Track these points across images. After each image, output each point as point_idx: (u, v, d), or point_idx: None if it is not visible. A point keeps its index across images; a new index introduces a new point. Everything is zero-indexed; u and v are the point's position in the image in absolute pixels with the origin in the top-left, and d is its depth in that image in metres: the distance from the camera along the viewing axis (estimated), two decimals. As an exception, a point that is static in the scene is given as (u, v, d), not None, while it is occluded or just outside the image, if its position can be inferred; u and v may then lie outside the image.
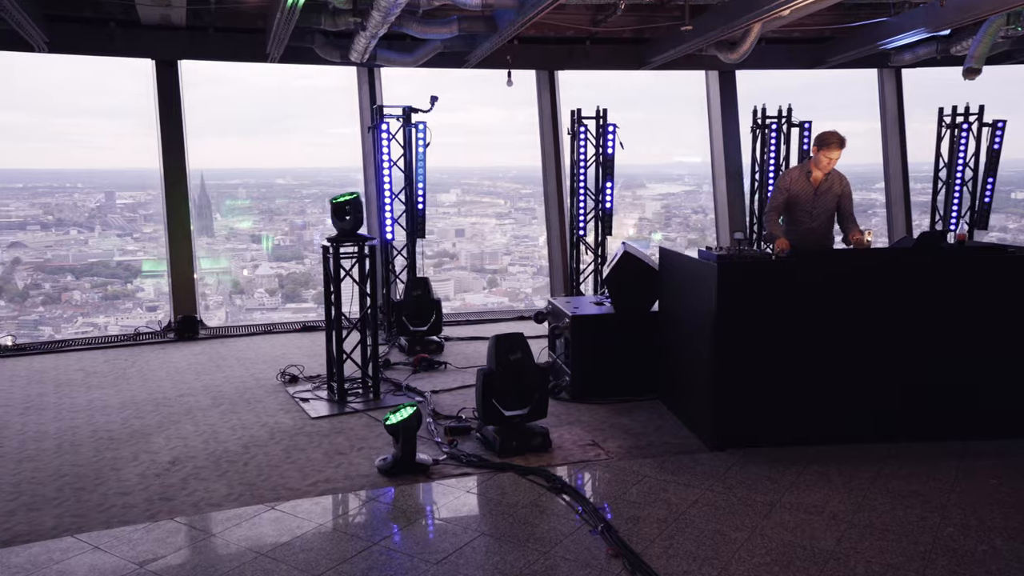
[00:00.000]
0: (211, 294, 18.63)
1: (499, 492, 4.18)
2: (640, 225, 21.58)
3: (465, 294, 14.26)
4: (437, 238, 15.89)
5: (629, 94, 12.91)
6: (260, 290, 18.62)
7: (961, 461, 4.45)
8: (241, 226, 19.10)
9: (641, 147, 21.85)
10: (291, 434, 5.14)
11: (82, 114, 15.08)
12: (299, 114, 19.14)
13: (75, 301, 17.81)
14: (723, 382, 4.71)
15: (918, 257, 4.95)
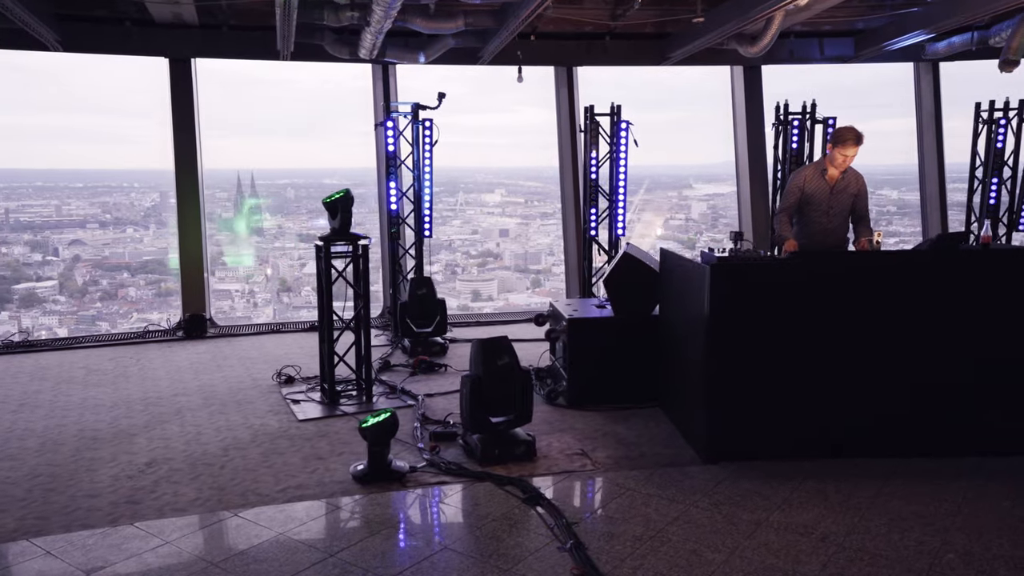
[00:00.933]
0: (260, 291, 18.98)
1: (472, 503, 4.00)
2: (687, 226, 21.28)
3: (508, 294, 14.16)
4: (481, 238, 15.90)
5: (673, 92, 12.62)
6: (307, 288, 18.89)
7: (973, 480, 4.14)
8: (288, 225, 19.37)
9: (688, 146, 21.56)
10: (274, 437, 5.04)
11: (139, 115, 15.40)
12: (348, 113, 19.28)
13: (130, 297, 18.40)
14: (716, 392, 4.45)
15: (929, 260, 4.63)
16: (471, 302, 12.88)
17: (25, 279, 13.24)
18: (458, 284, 14.60)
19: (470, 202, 22.30)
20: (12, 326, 10.74)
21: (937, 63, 9.98)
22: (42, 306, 12.25)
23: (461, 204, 22.30)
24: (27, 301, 12.62)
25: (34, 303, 12.61)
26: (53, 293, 12.79)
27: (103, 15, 8.33)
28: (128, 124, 18.69)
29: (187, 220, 8.76)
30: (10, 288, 12.74)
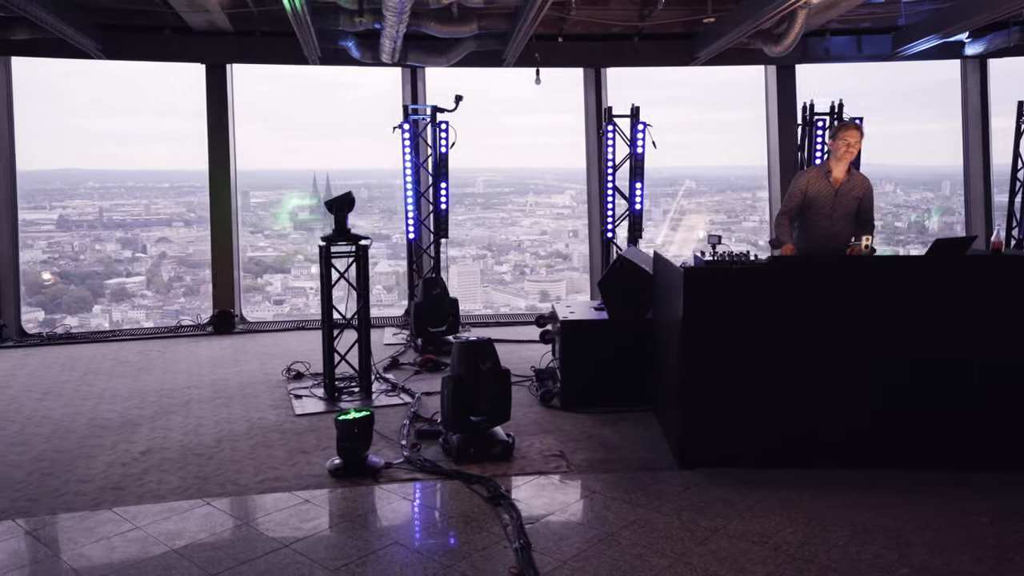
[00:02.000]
0: (334, 290, 19.62)
1: (435, 500, 4.08)
2: (759, 228, 20.93)
3: (577, 295, 14.30)
4: (550, 239, 16.10)
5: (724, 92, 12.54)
6: (378, 287, 19.47)
7: (951, 494, 3.98)
8: (360, 223, 19.79)
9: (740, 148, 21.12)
10: (267, 430, 5.22)
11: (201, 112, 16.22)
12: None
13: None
14: (692, 397, 4.40)
15: (913, 266, 4.47)
16: (539, 303, 12.93)
17: (116, 275, 13.98)
18: (527, 284, 14.72)
19: (540, 203, 22.36)
20: (104, 319, 11.36)
21: (985, 60, 9.57)
22: (131, 300, 12.83)
23: (531, 205, 22.37)
24: (118, 295, 13.29)
25: (124, 297, 13.18)
26: (141, 288, 13.54)
27: (143, 24, 8.74)
28: (205, 127, 19.42)
29: (219, 220, 9.11)
30: (102, 283, 13.44)
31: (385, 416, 5.51)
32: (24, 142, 9.42)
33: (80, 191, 16.40)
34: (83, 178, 17.09)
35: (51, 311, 13.26)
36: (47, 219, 15.59)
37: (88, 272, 13.94)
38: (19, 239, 9.34)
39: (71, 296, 13.40)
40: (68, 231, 15.18)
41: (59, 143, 11.12)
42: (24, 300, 10.25)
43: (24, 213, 20.38)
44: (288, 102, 13.72)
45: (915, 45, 8.48)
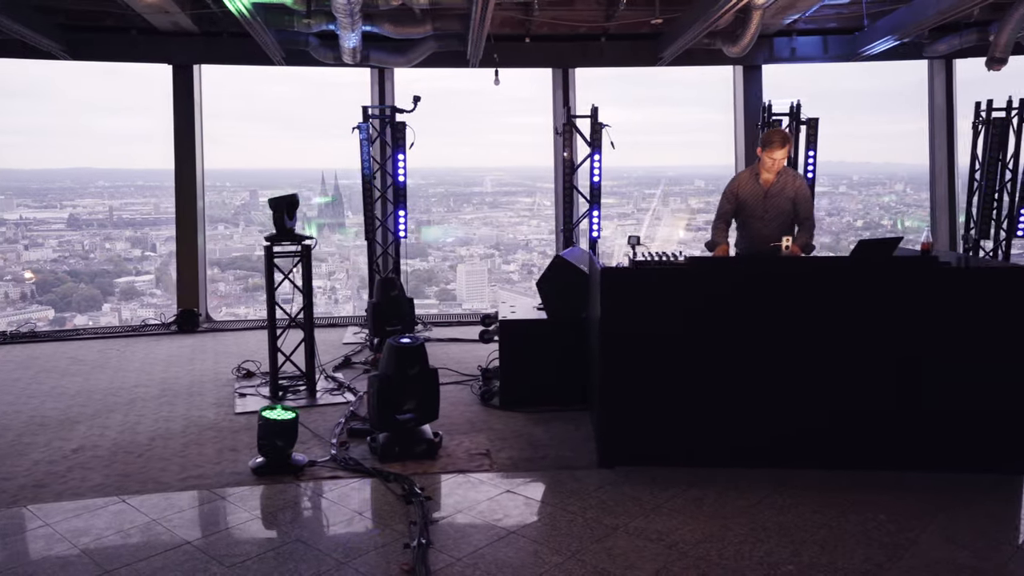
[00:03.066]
0: (340, 288, 19.78)
1: (350, 498, 4.11)
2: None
3: None
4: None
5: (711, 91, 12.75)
6: None
7: (861, 493, 4.01)
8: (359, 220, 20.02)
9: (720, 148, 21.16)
10: (203, 428, 5.26)
11: (231, 117, 16.20)
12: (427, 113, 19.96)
13: (220, 292, 19.47)
14: (611, 397, 4.44)
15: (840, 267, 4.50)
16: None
17: (126, 273, 14.08)
18: (534, 284, 15.07)
19: (548, 203, 22.37)
20: (113, 317, 11.44)
21: (951, 61, 9.57)
22: (140, 299, 12.88)
23: (539, 204, 22.35)
24: (127, 294, 13.40)
25: (133, 296, 13.26)
26: (150, 287, 13.69)
27: (110, 24, 8.80)
28: (219, 126, 19.44)
29: (184, 220, 9.16)
30: (112, 281, 13.53)
31: (323, 415, 5.57)
32: (31, 141, 9.53)
33: (90, 190, 16.53)
34: (93, 177, 17.21)
35: (61, 309, 13.37)
36: (57, 218, 15.70)
37: (98, 271, 14.04)
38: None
39: (81, 295, 13.50)
40: (78, 230, 15.31)
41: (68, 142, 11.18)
42: (35, 298, 10.33)
43: (34, 212, 20.65)
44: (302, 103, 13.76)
45: (876, 45, 8.49)
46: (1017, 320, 4.19)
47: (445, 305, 12.96)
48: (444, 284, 15.59)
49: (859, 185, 15.98)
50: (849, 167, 16.88)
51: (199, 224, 9.23)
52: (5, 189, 22.78)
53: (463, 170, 18.16)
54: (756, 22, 7.58)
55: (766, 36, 9.30)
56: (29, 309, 18.30)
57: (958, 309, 4.23)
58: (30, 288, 18.86)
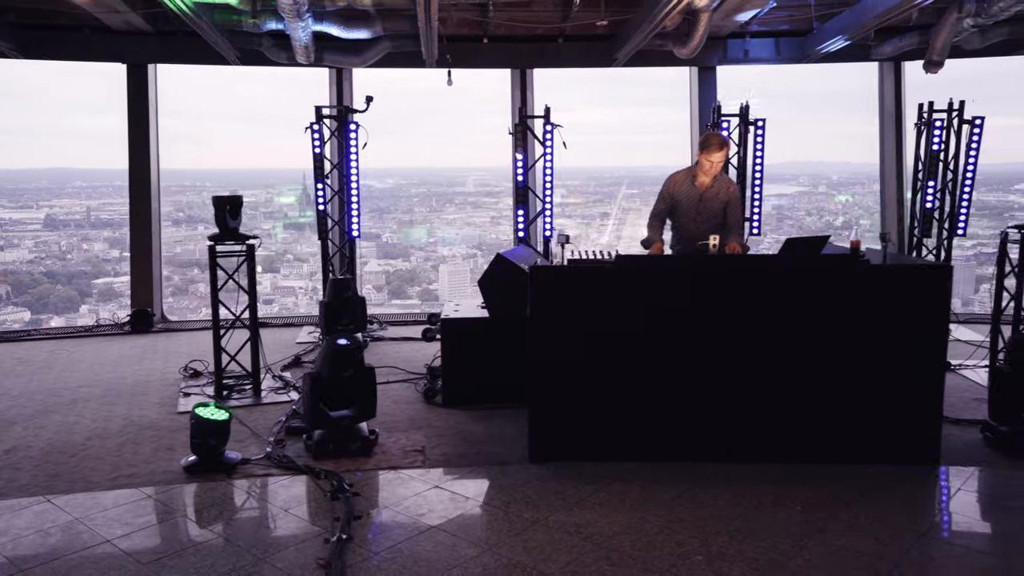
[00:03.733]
0: (321, 288, 19.72)
1: (278, 496, 4.14)
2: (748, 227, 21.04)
3: None
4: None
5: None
6: (368, 286, 19.49)
7: (780, 485, 4.11)
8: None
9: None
10: (142, 428, 5.26)
11: (209, 118, 16.02)
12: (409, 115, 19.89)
13: (200, 293, 19.27)
14: (541, 393, 4.51)
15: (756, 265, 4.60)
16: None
17: (104, 274, 13.95)
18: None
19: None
20: (91, 319, 11.32)
21: (900, 63, 9.75)
22: (118, 300, 12.93)
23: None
24: (105, 295, 13.28)
25: (112, 297, 13.16)
26: (127, 289, 13.62)
27: (62, 23, 8.73)
28: (198, 126, 19.30)
29: (139, 219, 9.10)
30: (90, 282, 13.38)
31: (266, 413, 5.59)
32: (6, 141, 9.44)
33: (67, 190, 16.37)
34: (70, 177, 17.03)
35: (37, 311, 13.21)
36: (34, 218, 15.50)
37: (76, 272, 13.89)
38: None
39: (58, 296, 13.35)
40: (55, 230, 15.15)
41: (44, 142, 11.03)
42: (11, 300, 10.19)
43: (9, 212, 20.31)
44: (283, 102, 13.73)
45: (824, 47, 8.63)
46: (930, 317, 4.31)
47: (427, 305, 13.00)
48: (427, 284, 15.62)
49: (839, 185, 16.24)
50: (828, 167, 17.19)
51: (153, 224, 9.17)
52: (-24, 189, 22.42)
53: (445, 170, 18.18)
54: (704, 24, 7.68)
55: (719, 38, 9.43)
56: (4, 311, 18.05)
57: (876, 306, 4.35)
58: (5, 290, 18.60)
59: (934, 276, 4.34)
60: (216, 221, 5.90)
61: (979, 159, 7.70)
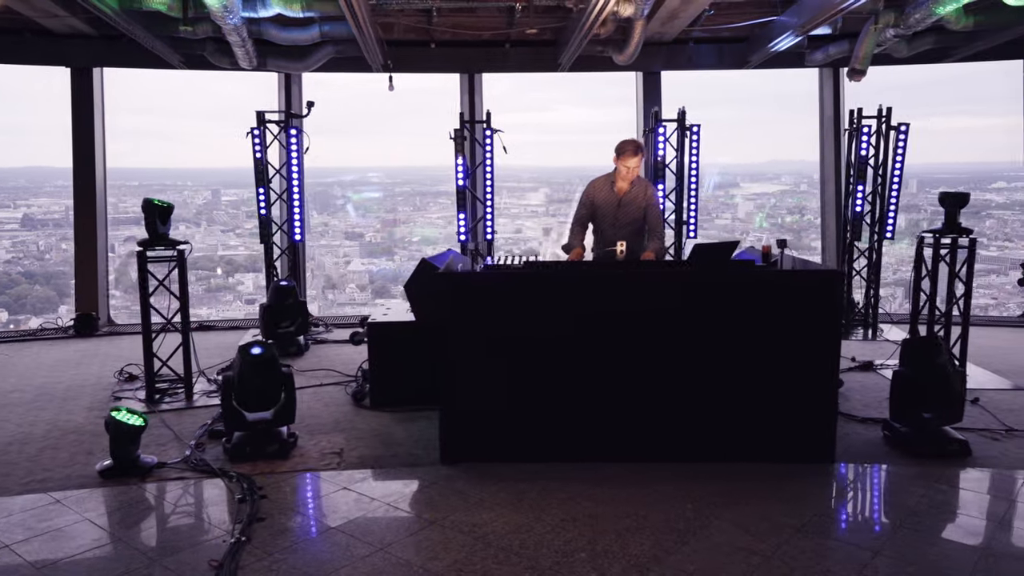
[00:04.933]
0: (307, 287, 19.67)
1: (186, 499, 4.22)
2: (732, 226, 21.20)
3: None
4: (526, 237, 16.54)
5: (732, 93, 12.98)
6: (351, 285, 19.41)
7: (681, 485, 4.25)
8: (333, 223, 20.23)
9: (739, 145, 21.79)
10: (66, 432, 5.31)
11: (194, 116, 15.89)
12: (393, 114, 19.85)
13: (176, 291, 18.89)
14: (452, 395, 4.62)
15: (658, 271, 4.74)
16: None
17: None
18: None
19: (514, 203, 22.38)
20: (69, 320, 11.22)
21: (837, 69, 9.97)
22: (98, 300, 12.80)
23: (505, 204, 22.36)
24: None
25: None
26: (110, 289, 13.55)
27: (4, 26, 8.70)
28: (180, 125, 19.15)
29: (83, 222, 9.10)
30: (69, 283, 13.25)
31: (195, 417, 5.65)
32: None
33: (46, 189, 16.22)
34: (49, 176, 16.88)
35: (15, 311, 13.07)
36: (11, 218, 15.34)
37: (54, 272, 13.76)
38: None
39: (36, 296, 13.23)
40: (33, 230, 15.01)
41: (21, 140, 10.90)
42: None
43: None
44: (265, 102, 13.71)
45: (760, 54, 8.82)
46: (822, 320, 4.48)
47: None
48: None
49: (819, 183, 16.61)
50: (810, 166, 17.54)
51: (99, 227, 9.16)
52: (-46, 189, 22.08)
53: (428, 168, 18.22)
54: (638, 33, 7.83)
55: (663, 44, 9.59)
56: None
57: (772, 310, 4.50)
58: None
59: (825, 281, 4.50)
60: (146, 227, 5.94)
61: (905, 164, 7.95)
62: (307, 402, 5.97)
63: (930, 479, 4.35)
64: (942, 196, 6.38)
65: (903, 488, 4.34)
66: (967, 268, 6.44)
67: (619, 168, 5.50)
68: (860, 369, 6.84)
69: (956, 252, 6.47)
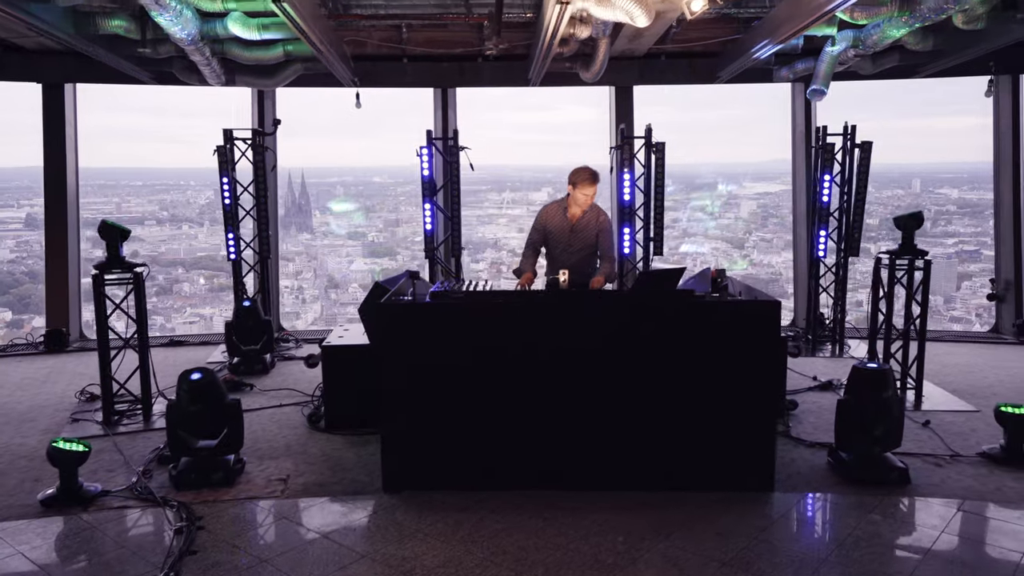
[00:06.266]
0: (308, 288, 19.63)
1: (124, 529, 4.24)
2: (735, 226, 21.08)
3: None
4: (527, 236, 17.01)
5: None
6: (354, 285, 19.36)
7: (617, 515, 4.27)
8: (336, 223, 20.22)
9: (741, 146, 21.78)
10: (17, 457, 5.33)
11: (193, 115, 15.96)
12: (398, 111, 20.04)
13: (184, 293, 19.11)
14: (392, 423, 4.65)
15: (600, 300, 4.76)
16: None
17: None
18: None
19: (517, 200, 22.23)
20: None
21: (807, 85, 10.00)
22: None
23: (508, 202, 22.22)
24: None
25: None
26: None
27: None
28: (181, 124, 19.20)
29: (54, 234, 9.13)
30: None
31: (150, 440, 5.67)
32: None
33: None
34: None
35: (19, 311, 13.08)
36: (14, 217, 15.39)
37: None
38: None
39: (40, 296, 13.24)
40: (37, 229, 15.09)
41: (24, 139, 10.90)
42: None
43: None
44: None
45: (729, 70, 8.86)
46: (762, 348, 4.51)
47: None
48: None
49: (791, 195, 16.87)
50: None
51: (70, 241, 9.19)
52: (-40, 189, 22.05)
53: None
54: (603, 51, 7.87)
55: (635, 58, 9.64)
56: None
57: (712, 338, 4.54)
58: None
59: (764, 310, 4.53)
60: (108, 249, 5.96)
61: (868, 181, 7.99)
62: (263, 424, 6.01)
63: (865, 509, 4.38)
64: (896, 219, 6.42)
65: (837, 519, 4.37)
66: (922, 289, 6.48)
67: (576, 195, 5.53)
68: (819, 389, 6.87)
69: (913, 273, 6.52)
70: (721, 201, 20.23)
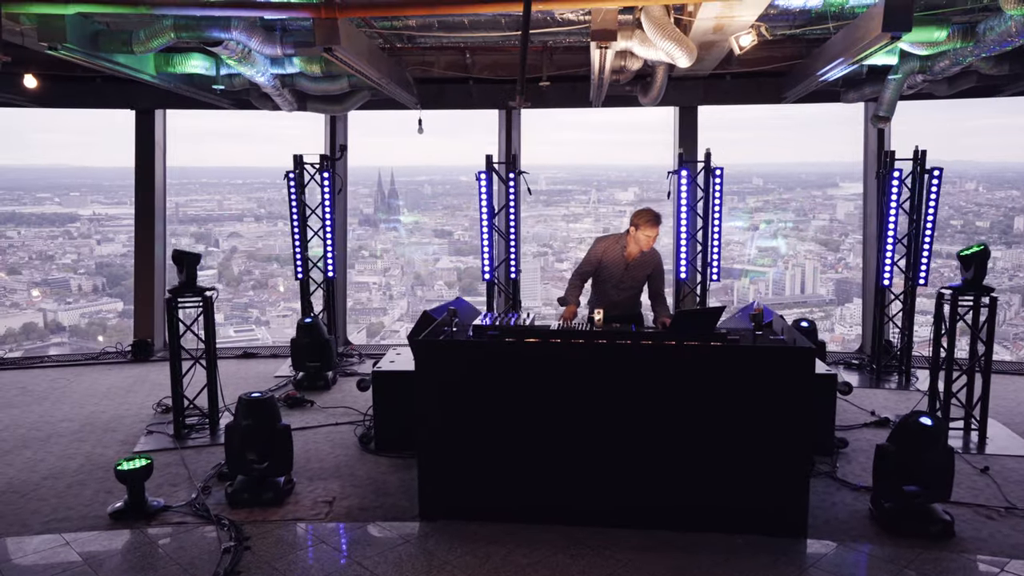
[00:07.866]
0: (395, 284, 20.36)
1: (180, 545, 4.58)
2: (830, 228, 20.51)
3: None
4: None
5: None
6: (440, 283, 20.02)
7: (641, 554, 4.34)
8: (423, 221, 20.83)
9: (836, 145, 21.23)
10: (96, 468, 5.79)
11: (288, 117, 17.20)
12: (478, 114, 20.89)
13: (279, 287, 20.17)
14: (427, 453, 4.84)
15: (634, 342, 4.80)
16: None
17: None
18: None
19: (603, 200, 22.30)
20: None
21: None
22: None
23: (594, 202, 22.29)
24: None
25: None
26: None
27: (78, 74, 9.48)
28: (280, 124, 20.12)
29: (142, 254, 9.79)
30: (176, 277, 14.32)
31: (214, 454, 6.04)
32: (101, 140, 10.40)
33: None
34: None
35: (130, 302, 14.07)
36: (127, 214, 16.69)
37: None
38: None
39: None
40: None
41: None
42: (106, 291, 10.86)
43: (106, 208, 21.36)
44: None
45: (795, 92, 8.69)
46: (795, 393, 4.47)
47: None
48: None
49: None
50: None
51: (156, 259, 9.81)
52: (80, 186, 23.85)
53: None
54: (661, 76, 7.87)
55: (699, 79, 9.58)
56: (100, 301, 19.14)
57: (745, 382, 4.53)
58: (101, 281, 19.83)
59: (797, 357, 4.49)
60: (187, 276, 6.39)
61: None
62: (317, 443, 6.31)
63: (900, 563, 4.29)
64: (962, 256, 6.19)
65: (867, 572, 4.29)
66: (987, 327, 6.23)
67: (639, 236, 5.58)
68: (876, 425, 6.68)
69: (979, 310, 6.27)
70: (814, 202, 19.44)
